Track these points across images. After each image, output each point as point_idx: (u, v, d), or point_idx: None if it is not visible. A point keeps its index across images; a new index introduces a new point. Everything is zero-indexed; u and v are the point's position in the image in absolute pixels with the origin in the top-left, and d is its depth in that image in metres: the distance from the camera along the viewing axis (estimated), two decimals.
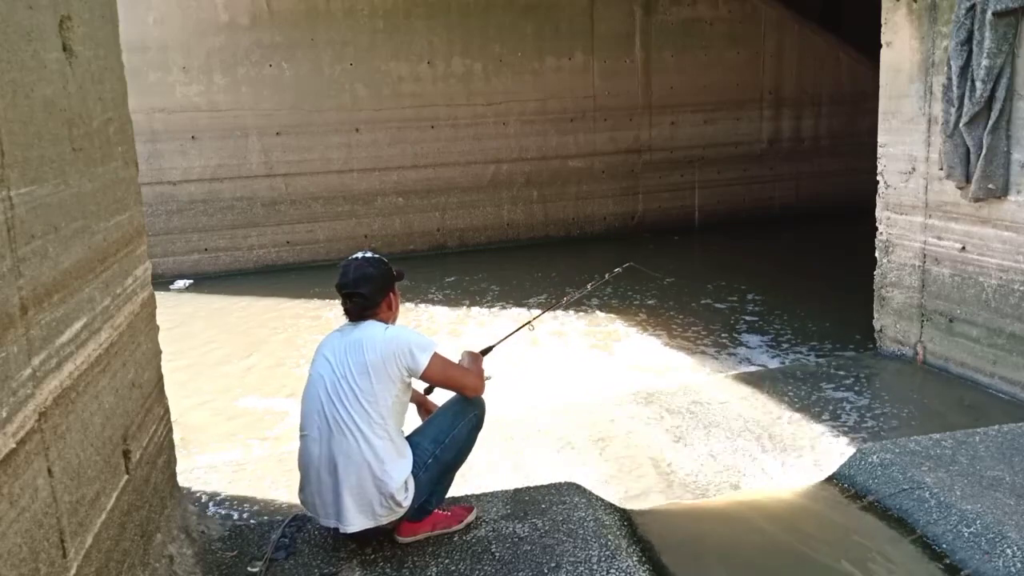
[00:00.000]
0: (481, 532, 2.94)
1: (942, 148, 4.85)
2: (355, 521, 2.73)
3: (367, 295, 2.86)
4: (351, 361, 2.75)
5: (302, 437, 2.84)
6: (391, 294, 2.95)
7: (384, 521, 2.77)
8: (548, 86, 9.68)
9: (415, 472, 2.78)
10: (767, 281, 7.85)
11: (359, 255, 2.96)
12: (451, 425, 2.91)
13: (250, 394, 5.45)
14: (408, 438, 2.87)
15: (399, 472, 2.73)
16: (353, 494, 2.71)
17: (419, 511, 2.86)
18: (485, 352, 3.24)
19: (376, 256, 2.97)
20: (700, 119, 10.35)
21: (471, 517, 3.07)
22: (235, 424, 4.97)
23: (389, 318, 2.94)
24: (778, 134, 10.73)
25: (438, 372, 2.83)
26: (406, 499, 2.76)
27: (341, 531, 2.78)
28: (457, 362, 3.01)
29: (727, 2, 10.11)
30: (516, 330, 3.62)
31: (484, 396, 3.03)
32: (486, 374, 3.08)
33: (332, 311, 7.30)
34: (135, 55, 7.85)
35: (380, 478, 2.69)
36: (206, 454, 4.51)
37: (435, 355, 2.81)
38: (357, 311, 2.88)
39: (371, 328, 2.83)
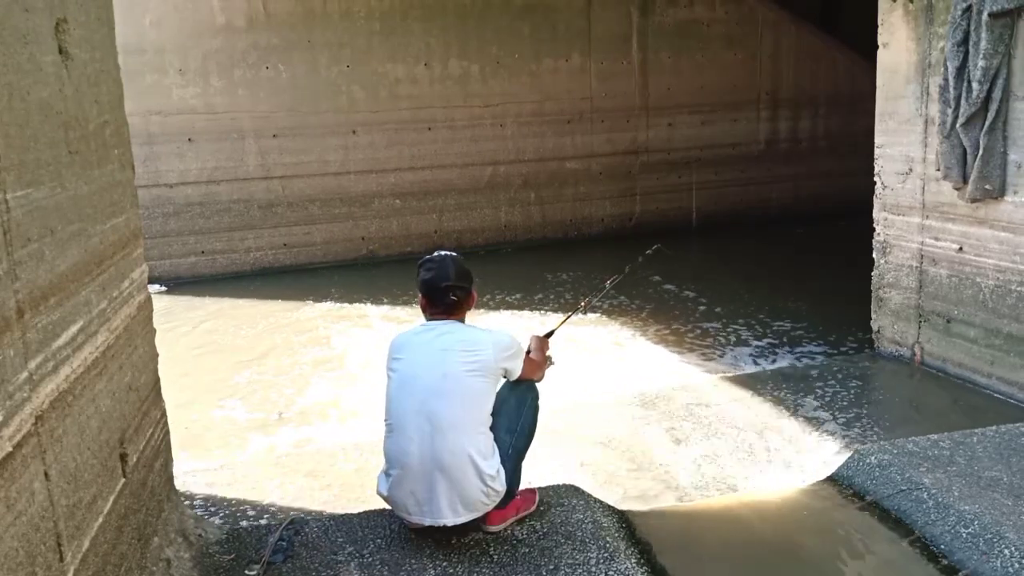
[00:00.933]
0: (479, 534, 2.94)
1: (939, 149, 4.86)
2: (455, 516, 2.77)
3: (468, 289, 2.94)
4: (457, 361, 2.78)
5: (391, 436, 2.85)
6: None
7: (482, 511, 2.83)
8: (545, 88, 9.67)
9: (501, 461, 2.85)
10: (765, 282, 7.85)
11: (443, 252, 3.01)
12: (518, 413, 2.97)
13: (247, 396, 5.44)
14: None
15: (495, 463, 2.81)
16: (457, 489, 2.74)
17: (504, 498, 2.91)
18: (548, 335, 3.35)
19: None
20: (697, 120, 10.35)
21: (539, 497, 3.16)
22: (232, 427, 4.96)
23: (465, 317, 3.00)
24: (775, 135, 10.73)
25: (524, 372, 2.97)
26: (502, 488, 2.83)
27: (430, 525, 2.80)
28: (526, 348, 3.14)
29: (724, 3, 10.11)
30: (570, 315, 3.73)
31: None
32: (553, 358, 3.25)
33: (330, 312, 7.38)
34: (131, 57, 7.83)
35: (485, 471, 2.75)
36: (203, 457, 4.50)
37: (525, 357, 2.98)
38: (453, 307, 2.92)
39: (468, 329, 2.90)
